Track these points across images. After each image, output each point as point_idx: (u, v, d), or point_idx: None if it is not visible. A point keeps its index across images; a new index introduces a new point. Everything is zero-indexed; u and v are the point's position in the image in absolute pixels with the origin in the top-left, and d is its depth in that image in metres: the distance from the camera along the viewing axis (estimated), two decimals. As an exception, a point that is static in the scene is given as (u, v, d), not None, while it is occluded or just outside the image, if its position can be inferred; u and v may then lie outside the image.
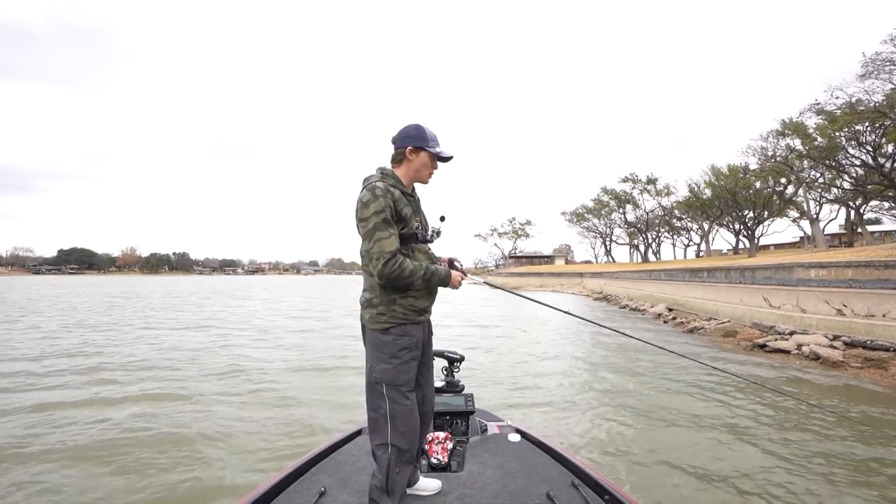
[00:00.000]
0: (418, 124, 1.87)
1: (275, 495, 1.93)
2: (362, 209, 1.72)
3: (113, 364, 8.36)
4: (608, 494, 1.93)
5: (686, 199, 42.74)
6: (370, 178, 1.84)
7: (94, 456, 4.30)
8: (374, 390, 1.81)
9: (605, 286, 34.77)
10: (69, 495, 3.59)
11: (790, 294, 10.78)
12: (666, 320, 16.22)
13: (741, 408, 5.93)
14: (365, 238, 1.73)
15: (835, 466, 4.16)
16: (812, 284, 10.01)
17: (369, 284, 1.83)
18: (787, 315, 10.61)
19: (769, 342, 9.59)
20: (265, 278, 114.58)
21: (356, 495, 1.94)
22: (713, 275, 15.60)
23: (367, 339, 1.84)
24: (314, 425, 5.20)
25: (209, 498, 3.57)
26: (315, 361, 8.77)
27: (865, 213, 33.03)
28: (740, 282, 13.36)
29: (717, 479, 3.90)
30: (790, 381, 7.36)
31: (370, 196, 1.72)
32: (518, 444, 2.50)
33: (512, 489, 2.00)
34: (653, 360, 9.08)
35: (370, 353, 1.83)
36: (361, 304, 1.87)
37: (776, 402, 6.11)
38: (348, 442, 2.54)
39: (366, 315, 1.83)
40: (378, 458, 1.80)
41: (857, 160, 25.09)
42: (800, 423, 5.30)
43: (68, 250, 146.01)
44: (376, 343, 1.80)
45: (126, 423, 5.20)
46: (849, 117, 23.28)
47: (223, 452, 4.42)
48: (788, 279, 10.87)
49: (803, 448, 4.57)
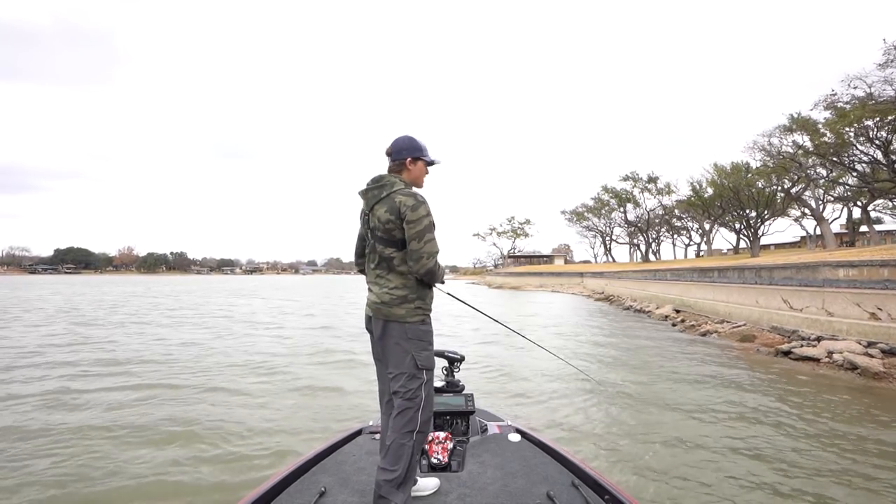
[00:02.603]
0: (411, 136, 2.04)
1: (275, 495, 1.93)
2: (411, 212, 1.85)
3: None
4: (608, 494, 1.91)
5: (688, 198, 42.08)
6: (393, 183, 1.96)
7: (94, 454, 4.30)
8: (415, 379, 1.89)
9: (606, 286, 34.01)
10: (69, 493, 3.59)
11: (814, 296, 9.97)
12: (674, 323, 15.40)
13: (749, 407, 5.73)
14: (413, 238, 1.86)
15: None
16: (841, 285, 9.20)
17: (401, 282, 1.92)
18: (811, 319, 9.81)
19: (794, 349, 8.78)
20: (264, 278, 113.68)
21: (356, 495, 1.95)
22: (724, 275, 14.81)
23: (402, 332, 1.91)
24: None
25: (208, 497, 3.52)
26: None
27: (862, 214, 32.30)
28: (756, 282, 12.56)
29: (718, 479, 3.84)
30: (825, 403, 6.55)
31: (415, 201, 1.88)
32: (518, 443, 2.50)
33: (512, 489, 2.00)
34: (657, 360, 8.88)
35: (410, 345, 1.90)
36: (387, 303, 1.92)
37: (783, 405, 5.78)
38: (348, 442, 2.55)
39: (400, 311, 1.90)
40: (402, 446, 1.84)
41: (866, 156, 24.39)
42: (816, 432, 4.57)
43: (65, 250, 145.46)
44: (417, 334, 1.91)
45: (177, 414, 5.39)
46: (860, 111, 22.58)
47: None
48: (813, 280, 10.07)
49: (817, 453, 4.28)
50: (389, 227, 1.89)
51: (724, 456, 4.37)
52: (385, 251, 1.93)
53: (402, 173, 2.02)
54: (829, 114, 24.34)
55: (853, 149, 24.65)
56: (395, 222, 1.88)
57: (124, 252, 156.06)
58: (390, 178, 1.98)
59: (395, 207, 1.88)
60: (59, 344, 10.57)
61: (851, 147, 24.46)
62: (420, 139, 2.06)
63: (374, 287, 2.00)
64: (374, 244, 1.97)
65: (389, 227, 1.89)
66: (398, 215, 1.88)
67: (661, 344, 11.19)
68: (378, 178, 2.00)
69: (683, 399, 6.36)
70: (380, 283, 1.97)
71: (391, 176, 1.99)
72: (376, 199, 1.95)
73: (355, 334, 12.28)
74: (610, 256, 64.23)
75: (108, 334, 12.23)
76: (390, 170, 2.04)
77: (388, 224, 1.89)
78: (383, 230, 1.91)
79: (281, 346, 10.48)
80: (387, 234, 1.91)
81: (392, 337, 1.92)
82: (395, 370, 1.92)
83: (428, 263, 1.87)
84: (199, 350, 9.83)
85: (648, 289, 23.74)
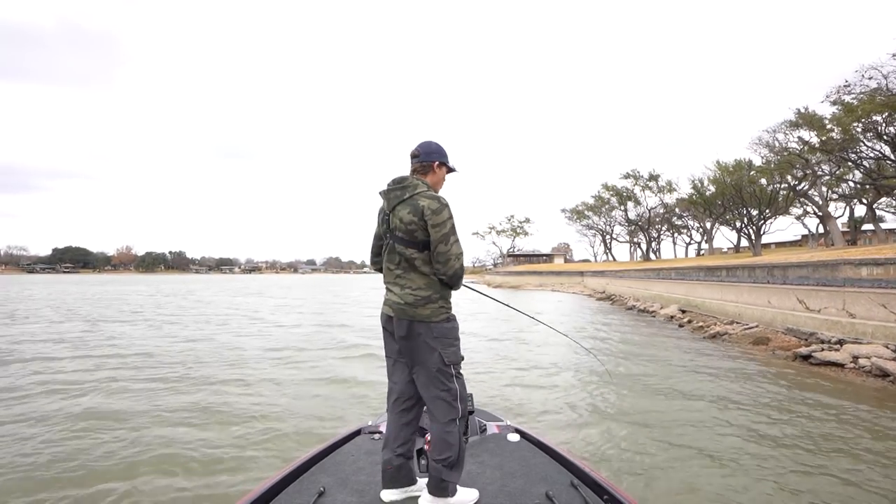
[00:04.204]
0: (437, 142, 2.12)
1: (274, 495, 1.93)
2: (435, 216, 1.91)
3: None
4: (607, 494, 1.90)
5: (689, 196, 41.57)
6: (416, 185, 1.99)
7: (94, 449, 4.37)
8: (445, 374, 1.95)
9: (607, 285, 33.48)
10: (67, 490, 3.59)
11: (834, 296, 9.41)
12: (681, 324, 14.83)
13: (768, 415, 5.50)
14: (440, 241, 1.92)
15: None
16: (864, 285, 8.64)
17: (424, 283, 1.97)
18: (831, 320, 9.24)
19: (815, 352, 8.21)
20: (265, 277, 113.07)
21: (355, 495, 1.95)
22: (734, 274, 14.24)
23: (428, 332, 1.94)
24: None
25: (208, 497, 3.50)
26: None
27: (867, 212, 31.68)
28: (768, 281, 12.00)
29: (718, 480, 3.79)
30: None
31: (439, 204, 1.94)
32: (517, 443, 2.50)
33: (511, 489, 1.99)
34: (666, 362, 8.67)
35: (437, 342, 1.94)
36: (411, 304, 1.95)
37: (807, 413, 5.47)
38: (347, 442, 2.54)
39: (425, 311, 1.95)
40: (449, 434, 1.91)
41: (874, 152, 23.86)
42: (847, 447, 4.21)
43: (63, 249, 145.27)
44: (443, 332, 1.96)
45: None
46: (868, 106, 22.05)
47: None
48: (832, 279, 9.50)
49: (823, 463, 4.11)
50: (412, 228, 1.92)
51: (738, 467, 4.05)
52: (406, 251, 1.95)
53: (426, 175, 2.07)
54: (836, 109, 23.80)
55: (860, 145, 24.14)
56: (417, 224, 1.92)
57: (122, 251, 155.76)
58: (413, 179, 2.01)
59: (419, 210, 1.92)
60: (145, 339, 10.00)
61: (858, 143, 23.94)
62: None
63: (394, 287, 2.01)
64: (394, 244, 1.99)
65: (412, 228, 1.92)
66: (421, 217, 1.91)
67: (670, 345, 10.66)
68: (400, 180, 2.02)
69: (695, 404, 6.01)
70: (401, 284, 1.99)
71: (414, 178, 2.03)
72: (398, 200, 1.97)
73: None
74: (610, 255, 63.77)
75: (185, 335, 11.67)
76: (415, 171, 2.08)
77: (411, 225, 1.92)
78: (405, 231, 1.94)
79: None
80: (408, 235, 1.94)
81: (419, 336, 1.95)
82: (422, 368, 1.96)
83: (455, 265, 1.96)
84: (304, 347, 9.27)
85: (652, 288, 23.18)
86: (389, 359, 2.08)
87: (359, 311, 20.61)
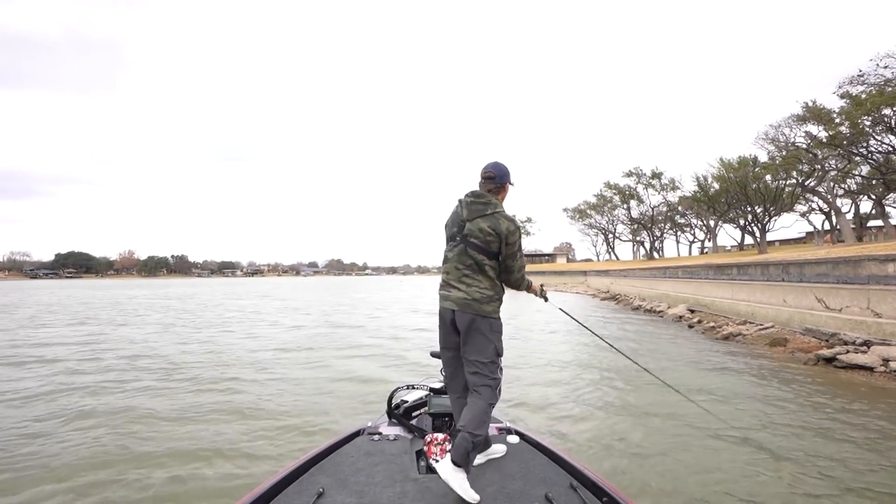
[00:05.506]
0: (504, 164, 2.39)
1: (273, 496, 1.93)
2: (511, 236, 2.22)
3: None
4: (606, 496, 1.91)
5: (693, 194, 41.06)
6: (495, 204, 2.29)
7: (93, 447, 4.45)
8: (495, 363, 2.23)
9: (611, 285, 32.99)
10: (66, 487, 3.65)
11: (857, 294, 8.92)
12: (691, 324, 14.32)
13: (790, 423, 5.18)
14: (510, 257, 2.25)
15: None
16: (891, 283, 8.14)
17: (490, 284, 2.25)
18: (854, 320, 8.75)
19: (839, 355, 7.72)
20: (267, 280, 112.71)
21: (354, 496, 1.95)
22: (745, 272, 13.75)
23: (488, 326, 2.22)
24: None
25: (208, 497, 3.50)
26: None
27: (874, 207, 31.06)
28: (783, 279, 11.50)
29: (717, 480, 3.73)
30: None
31: (515, 227, 2.26)
32: (516, 445, 2.49)
33: (510, 491, 1.99)
34: (678, 363, 8.51)
35: (494, 336, 2.24)
36: (478, 300, 2.20)
37: (835, 423, 5.06)
38: (347, 443, 2.55)
39: (489, 307, 2.22)
40: (487, 415, 2.14)
41: (883, 146, 23.34)
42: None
43: (66, 254, 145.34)
44: (498, 327, 2.27)
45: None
46: (877, 98, 21.55)
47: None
48: (854, 276, 9.00)
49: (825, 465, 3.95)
50: (489, 240, 2.20)
51: (753, 480, 3.74)
52: (478, 256, 2.22)
53: (498, 194, 2.35)
54: (844, 103, 23.29)
55: (869, 139, 23.61)
56: (494, 237, 2.20)
57: (125, 256, 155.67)
58: (491, 198, 2.28)
59: (500, 228, 2.20)
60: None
61: (868, 137, 23.42)
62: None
63: (460, 285, 2.24)
64: (466, 248, 2.24)
65: (489, 240, 2.20)
66: (498, 234, 2.20)
67: (683, 346, 10.16)
68: (480, 195, 2.29)
69: (710, 409, 5.48)
70: (467, 283, 2.23)
71: (492, 196, 2.30)
72: (479, 214, 2.23)
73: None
74: (613, 255, 63.24)
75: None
76: (489, 190, 2.32)
77: (489, 236, 2.20)
78: (482, 241, 2.21)
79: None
80: (484, 245, 2.21)
81: (480, 329, 2.20)
82: (479, 357, 2.20)
83: (518, 276, 2.32)
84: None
85: (658, 287, 22.68)
86: (448, 350, 2.33)
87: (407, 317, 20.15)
